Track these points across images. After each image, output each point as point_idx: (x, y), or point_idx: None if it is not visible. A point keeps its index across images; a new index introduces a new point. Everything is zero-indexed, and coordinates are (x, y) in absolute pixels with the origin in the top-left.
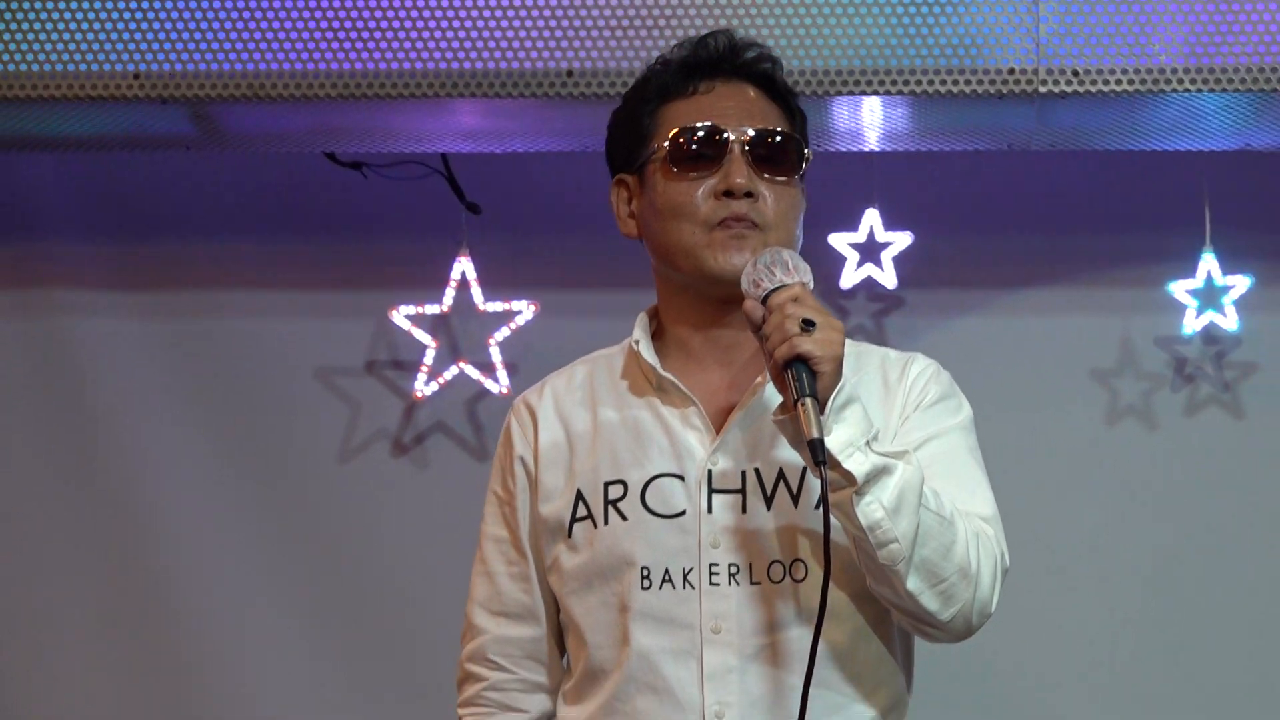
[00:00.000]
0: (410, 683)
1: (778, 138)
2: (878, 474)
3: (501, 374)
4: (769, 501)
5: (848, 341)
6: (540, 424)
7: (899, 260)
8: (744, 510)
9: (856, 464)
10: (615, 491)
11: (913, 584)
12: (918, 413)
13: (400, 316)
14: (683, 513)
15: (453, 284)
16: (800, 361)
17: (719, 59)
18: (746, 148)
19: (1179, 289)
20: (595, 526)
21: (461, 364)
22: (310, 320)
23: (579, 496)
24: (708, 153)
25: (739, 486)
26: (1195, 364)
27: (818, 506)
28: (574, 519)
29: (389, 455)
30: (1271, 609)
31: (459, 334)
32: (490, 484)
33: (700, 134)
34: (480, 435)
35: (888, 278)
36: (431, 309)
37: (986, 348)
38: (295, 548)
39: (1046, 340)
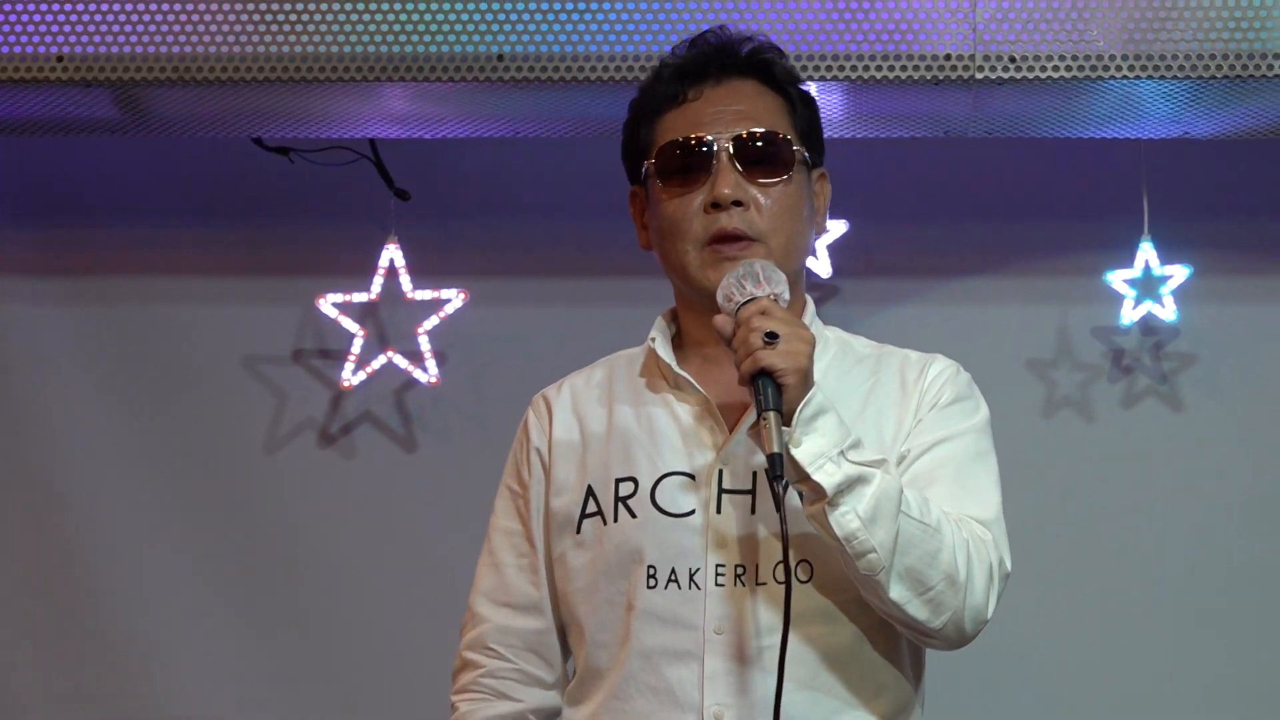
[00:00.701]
0: (335, 672)
1: (765, 139)
2: (851, 484)
3: (430, 363)
4: (778, 502)
5: (869, 343)
6: (555, 418)
7: (834, 249)
8: (753, 511)
9: (826, 475)
10: (626, 489)
11: (896, 593)
12: (932, 414)
13: (328, 304)
14: (691, 512)
15: (381, 272)
16: (765, 375)
17: (709, 60)
18: (732, 154)
19: (1117, 279)
20: (605, 523)
21: (390, 353)
22: (236, 307)
23: (590, 492)
24: (695, 165)
25: (749, 487)
26: (1133, 355)
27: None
28: (584, 514)
29: (316, 445)
30: (1211, 602)
31: (387, 323)
32: (504, 478)
33: (684, 147)
34: (408, 425)
35: (822, 267)
36: (359, 297)
37: (922, 337)
38: (220, 538)
39: (982, 330)
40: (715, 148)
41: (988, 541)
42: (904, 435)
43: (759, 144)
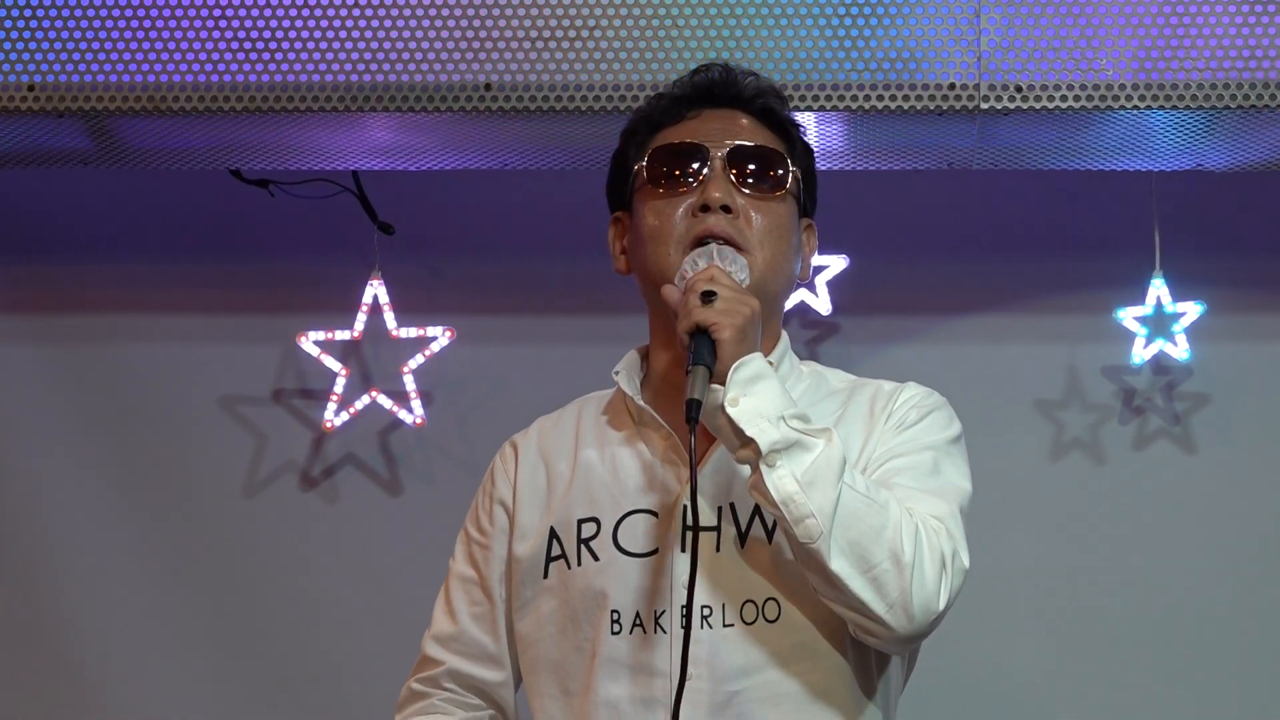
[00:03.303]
0: None
1: (762, 153)
2: (789, 446)
3: (416, 404)
4: (743, 538)
5: (846, 377)
6: (521, 462)
7: (833, 285)
8: (718, 549)
9: (761, 432)
10: (588, 530)
11: (838, 565)
12: (897, 432)
13: (309, 343)
14: (655, 551)
15: (364, 309)
16: (701, 332)
17: (711, 87)
18: (727, 163)
19: (1127, 316)
20: (569, 567)
21: (374, 393)
22: (214, 346)
23: (553, 534)
24: (687, 170)
25: (714, 523)
26: (1144, 395)
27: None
28: (549, 558)
29: (297, 489)
30: (1227, 650)
31: (371, 362)
32: (465, 521)
33: (679, 151)
34: (393, 468)
35: (821, 303)
36: (342, 335)
37: (924, 377)
38: (198, 586)
39: (988, 369)
40: (710, 154)
41: (940, 531)
42: (869, 453)
43: (756, 158)
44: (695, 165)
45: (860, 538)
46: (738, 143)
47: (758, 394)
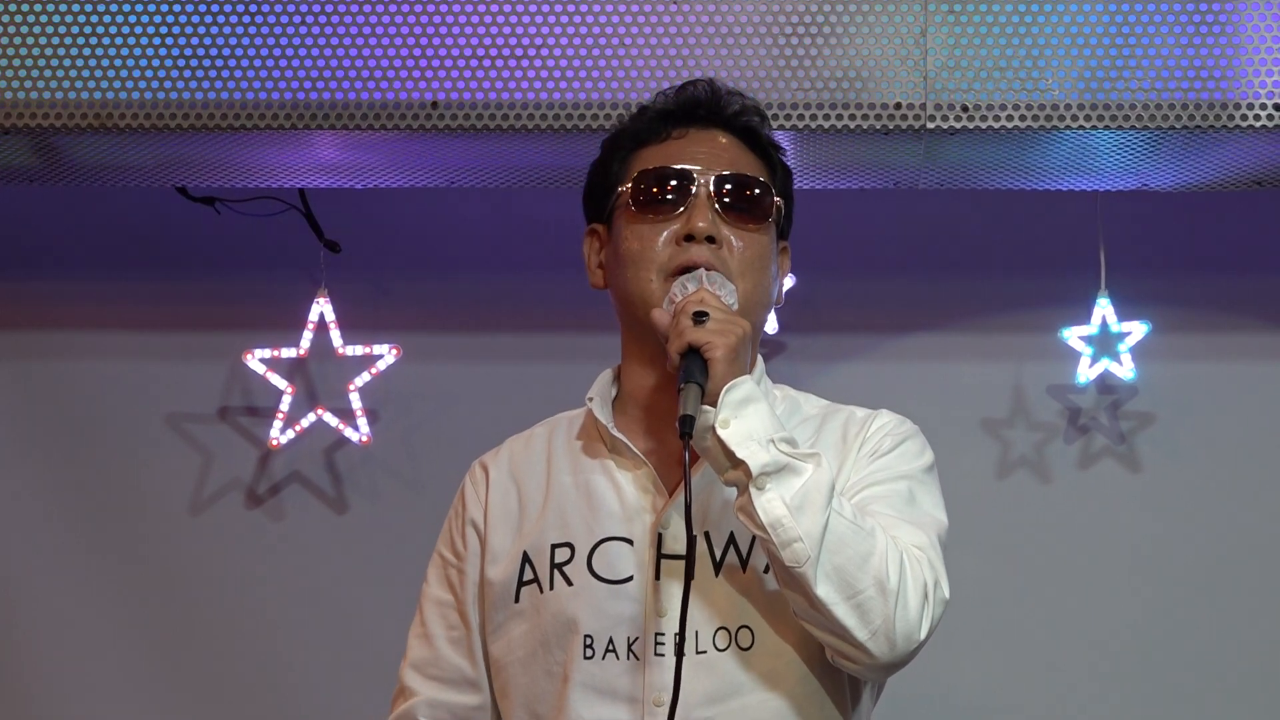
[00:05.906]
0: None
1: (747, 183)
2: (779, 469)
3: (361, 422)
4: (718, 567)
5: (819, 403)
6: (492, 485)
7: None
8: (692, 576)
9: (751, 454)
10: (562, 555)
11: (823, 591)
12: (870, 460)
13: (255, 360)
14: (630, 578)
15: (310, 326)
16: (693, 352)
17: (696, 106)
18: (712, 191)
19: (1073, 335)
20: (541, 592)
21: (319, 411)
22: (160, 363)
23: (525, 559)
24: (672, 196)
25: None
26: (1090, 414)
27: (766, 570)
28: (521, 583)
29: (243, 506)
30: (1168, 673)
31: (317, 379)
32: (438, 545)
33: (664, 176)
34: (339, 486)
35: (769, 322)
36: (288, 353)
37: (871, 395)
38: (144, 603)
39: (934, 388)
40: (696, 182)
41: (922, 561)
42: (841, 482)
43: (740, 187)
44: (680, 192)
45: (846, 564)
46: (723, 171)
47: (748, 416)
